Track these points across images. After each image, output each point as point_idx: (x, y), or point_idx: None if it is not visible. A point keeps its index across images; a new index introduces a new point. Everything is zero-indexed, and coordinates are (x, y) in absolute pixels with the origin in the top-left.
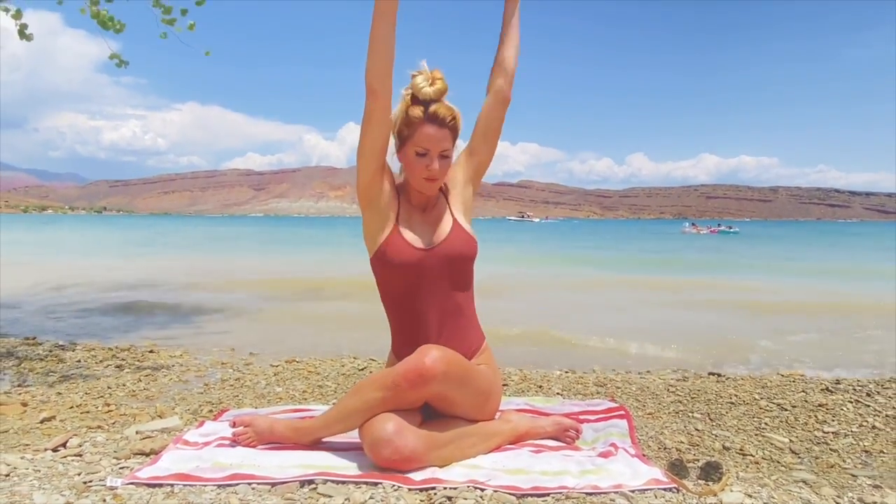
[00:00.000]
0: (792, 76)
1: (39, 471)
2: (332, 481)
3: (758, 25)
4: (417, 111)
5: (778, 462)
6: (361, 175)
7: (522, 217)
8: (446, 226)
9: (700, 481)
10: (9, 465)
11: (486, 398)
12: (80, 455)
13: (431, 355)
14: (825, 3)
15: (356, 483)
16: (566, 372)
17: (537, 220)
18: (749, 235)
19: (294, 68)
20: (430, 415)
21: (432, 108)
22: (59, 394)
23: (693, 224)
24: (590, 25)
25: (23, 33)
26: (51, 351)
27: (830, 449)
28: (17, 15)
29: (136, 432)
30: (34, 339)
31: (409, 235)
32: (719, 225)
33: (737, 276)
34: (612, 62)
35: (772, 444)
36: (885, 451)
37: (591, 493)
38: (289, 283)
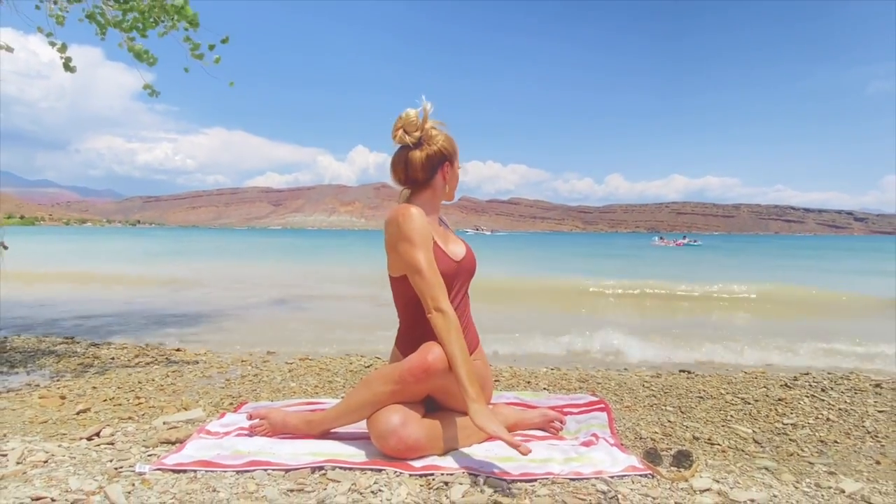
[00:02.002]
0: (751, 104)
1: (75, 458)
2: (341, 468)
3: (721, 57)
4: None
5: (742, 451)
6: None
7: (477, 230)
8: (461, 244)
9: (672, 468)
10: (47, 452)
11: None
12: (112, 443)
13: (434, 352)
14: (779, 37)
15: (362, 469)
16: (552, 369)
17: (488, 232)
18: (711, 247)
19: (310, 97)
20: (430, 408)
21: None
22: (94, 388)
23: (661, 238)
24: (573, 57)
25: (67, 66)
26: (87, 349)
27: (790, 439)
28: (63, 49)
29: (164, 423)
30: (72, 338)
31: (446, 249)
32: (685, 238)
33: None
34: (592, 91)
35: (737, 434)
36: (838, 440)
37: (574, 479)
38: (302, 288)
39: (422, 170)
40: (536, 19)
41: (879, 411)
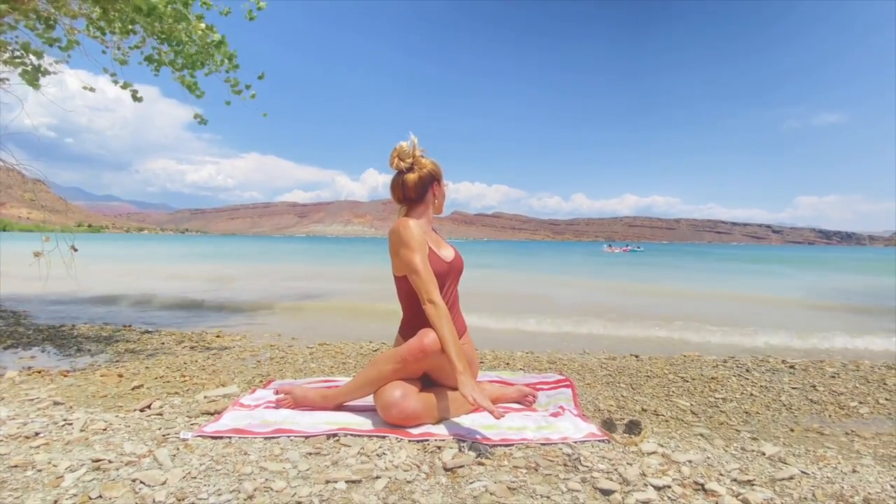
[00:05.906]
0: (690, 137)
1: (129, 426)
2: (351, 435)
3: (666, 98)
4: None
5: (682, 420)
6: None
7: None
8: (451, 249)
9: (625, 434)
10: (106, 421)
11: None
12: (161, 414)
13: (429, 336)
14: (713, 83)
15: (369, 436)
16: (527, 353)
17: None
18: (651, 254)
19: (330, 128)
20: (427, 384)
21: None
22: (147, 368)
23: (610, 245)
24: (545, 98)
25: (135, 97)
26: (141, 335)
27: (720, 411)
28: (126, 85)
29: (204, 397)
30: (129, 326)
31: (439, 253)
32: (628, 246)
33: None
34: (560, 125)
35: (677, 407)
36: (759, 412)
37: (544, 444)
38: (321, 286)
39: (415, 189)
40: (515, 64)
41: (793, 388)
